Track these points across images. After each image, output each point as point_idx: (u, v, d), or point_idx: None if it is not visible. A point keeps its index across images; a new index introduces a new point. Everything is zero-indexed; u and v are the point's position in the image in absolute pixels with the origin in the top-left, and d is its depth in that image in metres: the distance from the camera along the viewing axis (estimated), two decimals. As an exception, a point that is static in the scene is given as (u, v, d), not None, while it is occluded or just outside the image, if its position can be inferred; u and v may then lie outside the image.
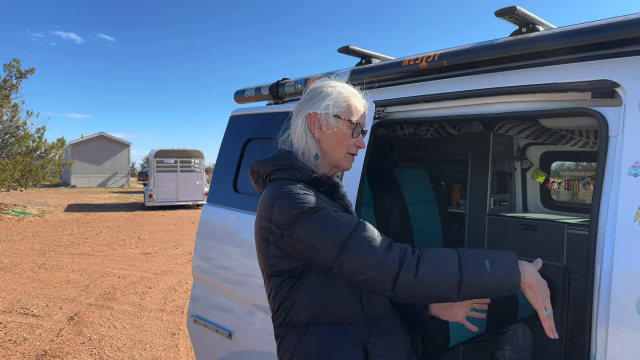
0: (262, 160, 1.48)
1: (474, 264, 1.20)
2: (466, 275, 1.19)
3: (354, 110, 1.45)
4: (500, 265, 1.20)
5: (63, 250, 9.80)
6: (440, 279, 1.19)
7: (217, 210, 2.71)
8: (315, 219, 1.27)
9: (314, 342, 1.34)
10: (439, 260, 1.22)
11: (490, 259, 1.21)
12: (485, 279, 1.19)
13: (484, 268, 1.19)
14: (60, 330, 5.08)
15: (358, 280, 1.25)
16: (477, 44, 1.83)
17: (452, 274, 1.19)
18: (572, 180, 3.21)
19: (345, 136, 1.44)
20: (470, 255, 1.22)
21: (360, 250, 1.23)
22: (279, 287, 1.37)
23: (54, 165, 18.08)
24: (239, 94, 3.03)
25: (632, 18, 1.41)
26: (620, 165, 1.41)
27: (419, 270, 1.19)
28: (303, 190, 1.32)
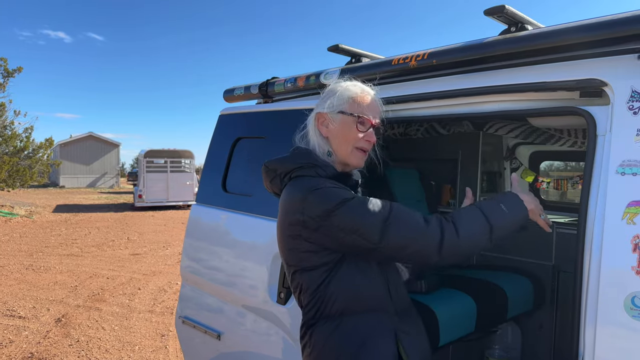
0: (280, 158, 1.51)
1: (494, 211, 1.40)
2: (494, 222, 1.38)
3: (357, 104, 1.45)
4: (511, 205, 1.44)
5: (51, 251, 9.69)
6: (477, 233, 1.36)
7: (206, 210, 2.69)
8: (353, 206, 1.33)
9: (348, 330, 1.39)
10: (470, 218, 1.38)
11: (503, 202, 1.44)
12: (508, 219, 1.42)
13: (503, 211, 1.41)
14: (47, 332, 5.02)
15: (405, 254, 1.35)
16: (466, 43, 1.83)
17: (483, 226, 1.37)
18: (560, 180, 3.23)
19: (349, 130, 1.44)
20: (488, 206, 1.42)
21: (403, 226, 1.33)
22: (310, 282, 1.41)
23: (42, 166, 17.90)
24: (228, 92, 3.01)
25: (620, 17, 1.42)
26: (608, 164, 1.41)
27: (459, 232, 1.34)
28: (331, 184, 1.38)
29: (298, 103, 2.44)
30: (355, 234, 1.32)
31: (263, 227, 2.27)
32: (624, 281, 1.32)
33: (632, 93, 1.40)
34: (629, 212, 1.34)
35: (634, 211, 1.34)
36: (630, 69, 1.43)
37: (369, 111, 1.46)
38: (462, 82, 1.87)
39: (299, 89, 2.53)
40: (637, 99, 1.38)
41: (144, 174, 18.39)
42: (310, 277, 1.41)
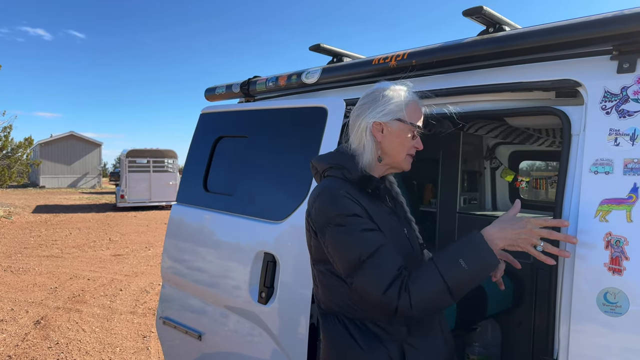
0: (321, 156, 1.57)
1: (451, 268, 1.26)
2: (451, 282, 1.25)
3: (414, 113, 1.48)
4: (473, 256, 1.27)
5: (30, 252, 9.52)
6: (433, 298, 1.27)
7: (187, 209, 2.67)
8: (341, 232, 1.33)
9: (353, 333, 1.39)
10: (425, 281, 1.26)
11: (462, 255, 1.27)
12: (467, 276, 1.26)
13: (461, 267, 1.25)
14: (25, 335, 4.93)
15: (364, 302, 1.33)
16: (445, 44, 1.85)
17: (440, 288, 1.25)
18: (539, 179, 3.28)
19: (406, 139, 1.48)
20: (446, 260, 1.28)
21: (369, 278, 1.28)
22: (318, 274, 1.47)
23: (22, 165, 17.58)
24: (210, 91, 2.99)
25: (593, 19, 1.45)
26: (582, 162, 1.44)
27: (412, 302, 1.25)
28: (345, 194, 1.37)
29: (280, 102, 2.43)
30: (332, 258, 1.37)
31: (244, 226, 2.26)
32: (596, 277, 1.35)
33: (605, 93, 1.43)
34: (601, 209, 1.37)
35: (606, 209, 1.36)
36: (603, 69, 1.46)
37: (418, 119, 1.51)
38: (441, 82, 1.89)
39: (281, 88, 2.53)
40: (609, 99, 1.41)
41: (126, 173, 18.16)
42: (318, 269, 1.46)
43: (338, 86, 2.33)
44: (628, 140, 1.36)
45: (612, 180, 1.37)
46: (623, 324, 1.30)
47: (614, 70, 1.43)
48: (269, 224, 2.14)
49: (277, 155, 2.24)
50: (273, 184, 2.23)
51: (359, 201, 1.37)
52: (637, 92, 1.37)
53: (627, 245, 1.31)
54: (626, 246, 1.31)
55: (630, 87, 1.38)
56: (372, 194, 1.43)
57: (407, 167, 1.53)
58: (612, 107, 1.40)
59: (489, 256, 1.27)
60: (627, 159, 1.35)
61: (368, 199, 1.42)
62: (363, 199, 1.40)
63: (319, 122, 2.08)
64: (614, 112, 1.40)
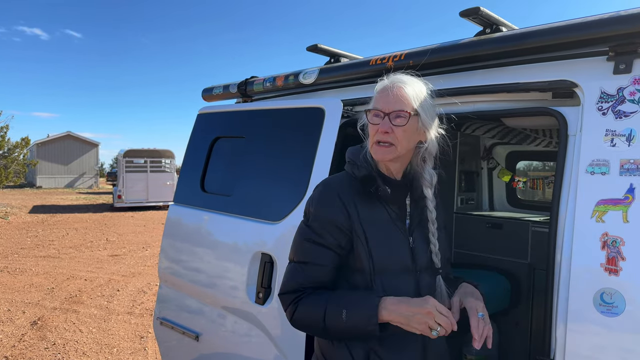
0: (349, 148, 1.53)
1: (333, 314, 1.31)
2: (329, 325, 1.32)
3: (380, 98, 1.39)
4: (356, 315, 1.29)
5: (27, 252, 9.49)
6: (309, 325, 1.37)
7: (184, 210, 2.67)
8: (300, 227, 1.44)
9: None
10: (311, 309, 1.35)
11: (350, 308, 1.30)
12: (343, 328, 1.30)
13: (341, 319, 1.29)
14: (22, 336, 4.91)
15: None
16: (442, 44, 1.85)
17: (317, 323, 1.33)
18: (536, 179, 3.29)
19: (371, 127, 1.40)
20: (334, 303, 1.32)
21: (284, 276, 1.44)
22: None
23: (18, 165, 17.53)
24: (207, 91, 2.99)
25: (590, 20, 1.45)
26: (579, 163, 1.44)
27: (294, 318, 1.38)
28: (336, 195, 1.39)
29: (277, 102, 2.43)
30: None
31: (242, 227, 2.26)
32: (593, 278, 1.36)
33: (601, 94, 1.43)
34: (598, 210, 1.38)
35: (602, 209, 1.37)
36: (600, 70, 1.47)
37: (379, 101, 1.38)
38: (439, 83, 1.89)
39: (278, 89, 2.53)
40: (606, 100, 1.42)
41: (123, 174, 18.13)
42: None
43: (335, 87, 2.33)
44: (624, 141, 1.36)
45: (608, 180, 1.37)
46: (619, 324, 1.30)
47: (610, 71, 1.44)
48: (267, 225, 2.14)
49: (275, 156, 2.24)
50: (270, 184, 2.22)
51: (348, 206, 1.38)
52: (633, 93, 1.37)
53: (623, 245, 1.32)
54: (622, 246, 1.32)
55: (627, 88, 1.39)
56: (373, 195, 1.40)
57: (377, 157, 1.40)
58: (609, 108, 1.41)
59: (369, 323, 1.27)
60: (624, 160, 1.36)
61: (368, 200, 1.40)
62: (360, 200, 1.40)
63: (316, 122, 2.08)
64: (610, 113, 1.40)
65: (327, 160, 1.99)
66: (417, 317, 1.25)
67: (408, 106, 1.35)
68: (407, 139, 1.37)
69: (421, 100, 1.39)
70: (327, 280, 1.40)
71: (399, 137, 1.36)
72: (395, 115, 1.35)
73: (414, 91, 1.38)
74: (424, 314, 1.25)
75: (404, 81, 1.40)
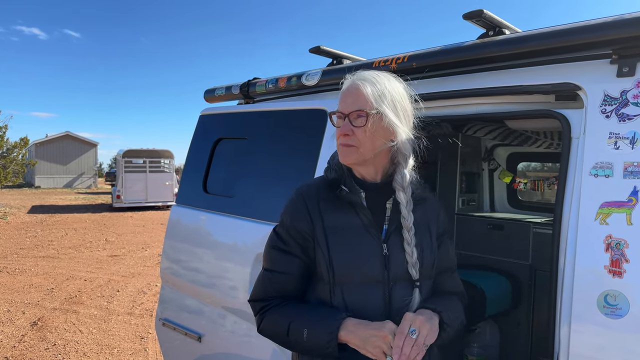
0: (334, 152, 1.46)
1: (295, 332, 1.29)
2: (291, 339, 1.31)
3: (342, 100, 1.34)
4: (316, 334, 1.26)
5: (26, 253, 9.48)
6: (275, 336, 1.36)
7: (187, 211, 2.67)
8: (270, 239, 1.42)
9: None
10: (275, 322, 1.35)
11: (311, 326, 1.28)
12: (304, 346, 1.29)
13: (302, 337, 1.28)
14: (22, 336, 4.91)
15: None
16: (445, 47, 1.86)
17: (281, 335, 1.33)
18: (537, 181, 3.30)
19: (336, 129, 1.35)
20: (299, 319, 1.31)
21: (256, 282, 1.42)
22: None
23: (17, 166, 17.49)
24: (209, 93, 2.99)
25: (593, 23, 1.46)
26: (582, 165, 1.45)
27: (261, 326, 1.38)
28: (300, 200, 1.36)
29: (279, 104, 2.44)
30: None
31: (245, 228, 2.26)
32: (597, 280, 1.36)
33: (605, 97, 1.44)
34: (601, 212, 1.38)
35: (606, 212, 1.38)
36: (603, 73, 1.47)
37: (340, 103, 1.34)
38: (442, 85, 1.90)
39: (281, 90, 2.54)
40: (609, 103, 1.43)
41: (122, 174, 18.12)
42: None
43: (338, 88, 2.33)
44: (628, 144, 1.37)
45: (612, 183, 1.38)
46: (623, 326, 1.31)
47: (613, 74, 1.44)
48: (270, 226, 2.14)
49: (277, 157, 2.25)
50: (273, 186, 2.23)
51: (312, 212, 1.33)
52: (636, 96, 1.38)
53: (627, 247, 1.32)
54: (626, 249, 1.32)
55: (630, 91, 1.39)
56: (341, 199, 1.33)
57: (340, 160, 1.33)
58: (612, 110, 1.42)
59: (327, 345, 1.24)
60: (627, 162, 1.36)
61: (337, 205, 1.34)
62: (327, 206, 1.34)
63: (319, 124, 2.09)
64: (613, 115, 1.41)
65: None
66: (372, 340, 1.20)
67: (367, 105, 1.27)
68: (370, 139, 1.28)
69: (386, 98, 1.29)
70: (294, 288, 1.36)
71: (360, 138, 1.28)
72: (356, 116, 1.28)
73: (375, 89, 1.29)
74: (379, 338, 1.19)
75: (364, 79, 1.31)
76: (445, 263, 1.45)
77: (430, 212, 1.41)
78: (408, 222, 1.31)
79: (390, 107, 1.29)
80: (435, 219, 1.42)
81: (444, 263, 1.43)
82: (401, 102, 1.33)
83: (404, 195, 1.31)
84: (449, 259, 1.46)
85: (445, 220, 1.47)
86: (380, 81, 1.31)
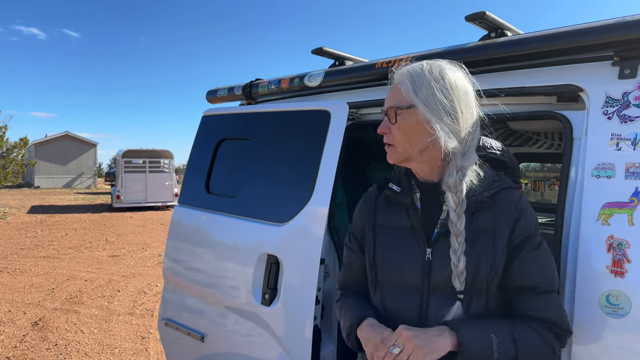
0: None
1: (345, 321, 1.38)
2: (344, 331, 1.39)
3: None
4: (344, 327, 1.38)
5: (26, 253, 9.48)
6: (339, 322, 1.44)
7: (189, 211, 2.68)
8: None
9: None
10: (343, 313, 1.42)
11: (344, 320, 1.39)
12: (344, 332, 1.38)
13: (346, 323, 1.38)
14: (24, 336, 4.92)
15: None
16: (447, 48, 1.87)
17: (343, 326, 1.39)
18: (537, 181, 3.31)
19: None
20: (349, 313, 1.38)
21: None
22: None
23: (17, 166, 17.48)
24: (211, 93, 3.00)
25: (595, 26, 1.47)
26: (584, 166, 1.46)
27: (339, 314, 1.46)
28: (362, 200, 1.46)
29: (282, 105, 2.45)
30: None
31: (248, 228, 2.27)
32: (599, 280, 1.37)
33: (607, 99, 1.45)
34: (603, 213, 1.40)
35: (608, 212, 1.39)
36: (605, 75, 1.48)
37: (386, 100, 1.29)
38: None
39: (283, 91, 2.55)
40: (611, 105, 1.44)
41: (122, 174, 18.12)
42: None
43: (341, 89, 2.35)
44: (629, 145, 1.38)
45: (614, 184, 1.39)
46: (625, 326, 1.32)
47: (615, 76, 1.46)
48: (272, 226, 2.16)
49: (281, 158, 2.26)
50: (276, 186, 2.24)
51: (367, 211, 1.41)
52: (638, 98, 1.39)
53: (628, 248, 1.33)
54: (628, 249, 1.34)
55: (632, 93, 1.41)
56: (391, 199, 1.34)
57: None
58: (614, 112, 1.43)
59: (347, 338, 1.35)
60: (629, 164, 1.37)
61: (389, 204, 1.35)
62: (384, 203, 1.37)
63: (322, 125, 2.10)
64: (615, 117, 1.42)
65: (333, 163, 2.00)
66: (368, 345, 1.21)
67: (402, 100, 1.21)
68: (406, 136, 1.22)
69: (422, 90, 1.19)
70: (360, 281, 1.44)
71: (395, 136, 1.24)
72: (392, 113, 1.23)
73: (413, 80, 1.21)
74: (372, 344, 1.19)
75: (405, 71, 1.25)
76: (524, 281, 1.22)
77: (502, 218, 1.22)
78: (457, 227, 1.17)
79: (426, 100, 1.19)
80: (508, 227, 1.22)
81: (521, 280, 1.22)
82: (445, 93, 1.20)
83: (453, 197, 1.19)
84: (530, 277, 1.21)
85: (527, 229, 1.23)
86: (422, 71, 1.22)
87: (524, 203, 1.26)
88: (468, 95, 1.25)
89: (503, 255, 1.20)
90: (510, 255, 1.21)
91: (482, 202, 1.22)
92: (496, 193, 1.24)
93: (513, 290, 1.23)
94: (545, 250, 1.24)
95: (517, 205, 1.24)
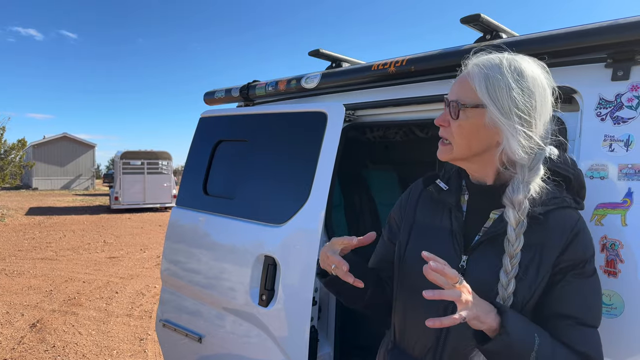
0: None
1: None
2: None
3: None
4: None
5: (24, 255, 9.47)
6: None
7: (187, 212, 2.69)
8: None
9: None
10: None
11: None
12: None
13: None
14: (22, 338, 4.92)
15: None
16: (443, 50, 1.88)
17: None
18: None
19: None
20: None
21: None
22: None
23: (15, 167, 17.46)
24: (209, 95, 3.01)
25: (589, 28, 1.48)
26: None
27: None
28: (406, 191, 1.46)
29: (279, 107, 2.46)
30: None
31: (245, 229, 2.28)
32: (592, 280, 1.38)
33: (600, 100, 1.46)
34: (597, 213, 1.41)
35: (602, 213, 1.40)
36: (598, 77, 1.50)
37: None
38: (440, 88, 1.92)
39: (280, 93, 2.56)
40: (604, 106, 1.45)
41: (120, 175, 18.11)
42: None
43: (337, 91, 2.36)
44: (622, 146, 1.40)
45: (607, 185, 1.41)
46: (619, 326, 1.33)
47: (608, 78, 1.47)
48: (270, 228, 2.17)
49: (277, 160, 2.27)
50: (273, 188, 2.25)
51: (408, 205, 1.37)
52: (631, 100, 1.41)
53: (622, 248, 1.35)
54: (621, 249, 1.35)
55: (625, 95, 1.42)
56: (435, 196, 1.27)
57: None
58: (607, 113, 1.44)
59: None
60: (622, 165, 1.39)
61: (433, 202, 1.28)
62: (428, 199, 1.32)
63: (318, 126, 2.11)
64: (608, 118, 1.44)
65: (329, 164, 2.01)
66: (321, 255, 1.22)
67: (471, 96, 1.09)
68: (465, 137, 1.11)
69: (497, 90, 1.06)
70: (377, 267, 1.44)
71: (454, 133, 1.12)
72: (455, 109, 1.11)
73: (489, 76, 1.07)
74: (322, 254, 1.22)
75: (481, 63, 1.12)
76: (564, 308, 1.08)
77: (553, 238, 1.10)
78: (513, 248, 1.06)
79: (501, 102, 1.06)
80: (557, 249, 1.09)
81: (561, 307, 1.09)
82: (525, 97, 1.07)
83: (515, 215, 1.06)
84: (572, 305, 1.08)
85: (578, 256, 1.10)
86: (499, 68, 1.09)
87: (581, 226, 1.13)
88: (546, 100, 1.12)
89: (545, 278, 1.09)
90: (554, 278, 1.10)
91: (533, 218, 1.08)
92: (551, 210, 1.11)
93: (550, 316, 1.09)
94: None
95: (572, 227, 1.11)
